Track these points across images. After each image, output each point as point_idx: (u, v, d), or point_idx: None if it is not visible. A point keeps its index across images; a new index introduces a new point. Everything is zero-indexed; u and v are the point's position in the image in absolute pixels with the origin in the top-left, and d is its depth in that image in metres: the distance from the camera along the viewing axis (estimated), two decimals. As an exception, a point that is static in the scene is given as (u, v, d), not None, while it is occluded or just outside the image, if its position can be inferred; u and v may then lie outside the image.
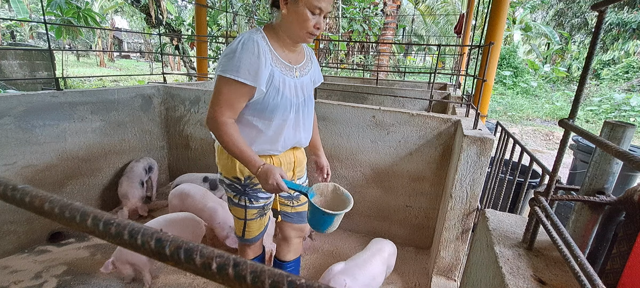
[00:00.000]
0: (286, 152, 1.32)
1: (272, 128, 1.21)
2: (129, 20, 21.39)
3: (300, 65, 1.27)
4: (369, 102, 4.13)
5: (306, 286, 0.20)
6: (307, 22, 1.11)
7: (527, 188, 1.64)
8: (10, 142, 1.95)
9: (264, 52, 1.11)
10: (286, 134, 1.25)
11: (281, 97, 1.17)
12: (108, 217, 0.24)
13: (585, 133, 0.62)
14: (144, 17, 9.41)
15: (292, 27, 1.14)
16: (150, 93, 2.81)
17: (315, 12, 1.10)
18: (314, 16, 1.11)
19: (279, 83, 1.16)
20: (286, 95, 1.18)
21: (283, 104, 1.18)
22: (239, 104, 1.14)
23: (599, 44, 0.63)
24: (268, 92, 1.15)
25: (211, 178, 2.54)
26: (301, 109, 1.27)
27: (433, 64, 14.24)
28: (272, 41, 1.17)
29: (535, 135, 7.44)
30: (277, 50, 1.18)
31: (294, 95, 1.22)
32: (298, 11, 1.10)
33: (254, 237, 1.42)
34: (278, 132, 1.23)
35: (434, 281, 1.90)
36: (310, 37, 1.16)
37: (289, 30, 1.15)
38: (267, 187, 1.11)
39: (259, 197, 1.33)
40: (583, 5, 15.17)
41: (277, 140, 1.24)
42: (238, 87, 1.10)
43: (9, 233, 2.02)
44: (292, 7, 1.10)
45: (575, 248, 0.57)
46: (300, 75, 1.25)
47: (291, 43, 1.20)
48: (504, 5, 2.62)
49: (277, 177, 1.10)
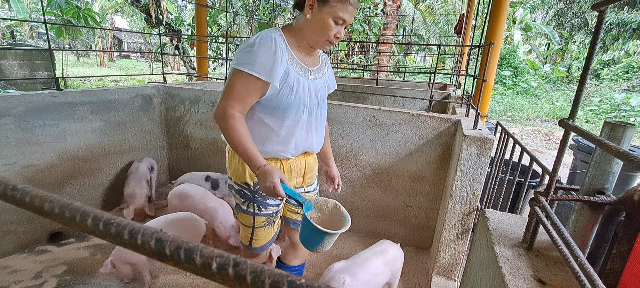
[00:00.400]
0: (297, 157, 1.30)
1: (284, 128, 1.20)
2: (129, 20, 21.38)
3: (315, 68, 1.27)
4: (369, 102, 4.13)
5: (306, 286, 0.20)
6: (329, 30, 1.12)
7: (527, 188, 1.64)
8: (10, 142, 1.95)
9: (281, 49, 1.12)
10: (298, 136, 1.24)
11: (295, 96, 1.17)
12: (108, 217, 0.24)
13: (585, 133, 0.62)
14: (144, 17, 9.40)
15: (313, 32, 1.15)
16: (150, 93, 2.81)
17: (338, 22, 1.12)
18: (336, 26, 1.13)
19: (294, 82, 1.16)
20: (300, 95, 1.18)
21: (296, 103, 1.18)
22: (250, 99, 1.13)
23: (599, 44, 0.63)
24: (282, 90, 1.15)
25: (213, 177, 2.54)
26: (314, 112, 1.26)
27: (433, 64, 14.24)
28: (289, 41, 1.18)
29: (535, 135, 7.44)
30: (294, 50, 1.19)
31: (307, 96, 1.21)
32: (322, 19, 1.11)
33: (261, 245, 1.38)
34: (290, 133, 1.21)
35: (434, 281, 1.90)
36: (329, 45, 1.17)
37: (309, 35, 1.16)
38: (263, 188, 1.09)
39: (268, 205, 1.30)
40: (583, 5, 15.17)
41: (289, 142, 1.23)
42: (251, 82, 1.09)
43: (9, 233, 2.02)
44: (317, 14, 1.11)
45: (575, 248, 0.57)
46: (314, 78, 1.25)
47: (308, 47, 1.21)
48: (504, 5, 2.62)
49: (276, 180, 1.06)
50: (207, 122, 2.78)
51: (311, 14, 1.12)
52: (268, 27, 9.52)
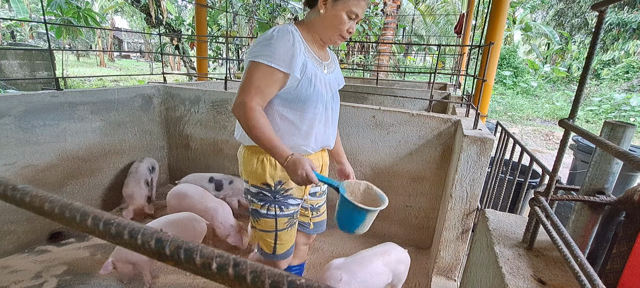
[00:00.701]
0: (317, 153, 1.30)
1: (305, 122, 1.19)
2: (129, 20, 21.38)
3: (327, 63, 1.28)
4: (369, 102, 4.13)
5: (306, 286, 0.20)
6: (342, 25, 1.14)
7: (527, 188, 1.64)
8: (10, 142, 1.95)
9: (298, 41, 1.12)
10: (317, 130, 1.23)
11: (313, 89, 1.16)
12: (108, 217, 0.24)
13: (585, 133, 0.62)
14: (144, 17, 9.40)
15: (326, 27, 1.16)
16: (150, 93, 2.81)
17: (351, 16, 1.13)
18: (349, 21, 1.14)
19: (312, 74, 1.16)
20: (318, 87, 1.18)
21: (315, 95, 1.18)
22: (270, 91, 1.11)
23: (599, 44, 0.63)
24: (301, 82, 1.14)
25: (217, 178, 2.54)
26: (330, 105, 1.27)
27: (433, 64, 14.24)
28: (304, 36, 1.18)
29: (535, 135, 7.44)
30: (309, 44, 1.19)
31: (324, 89, 1.21)
32: (336, 14, 1.12)
33: (286, 250, 1.33)
34: (310, 126, 1.20)
35: (434, 281, 1.90)
36: (342, 40, 1.19)
37: (323, 31, 1.17)
38: (296, 178, 1.06)
39: (289, 204, 1.27)
40: (583, 5, 15.17)
41: (310, 136, 1.21)
42: (271, 73, 1.08)
43: (9, 233, 2.02)
44: (332, 9, 1.12)
45: (575, 248, 0.57)
46: (328, 72, 1.26)
47: (321, 42, 1.22)
48: (504, 5, 2.62)
49: (307, 167, 1.05)
50: (207, 122, 2.78)
51: (325, 9, 1.13)
52: (268, 27, 9.53)
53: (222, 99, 2.67)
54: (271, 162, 1.21)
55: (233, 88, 3.62)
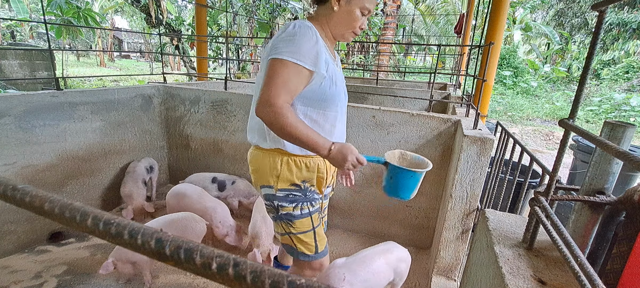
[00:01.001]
0: None
1: (328, 121, 1.17)
2: (129, 20, 21.39)
3: (337, 60, 1.27)
4: (369, 102, 4.13)
5: (306, 286, 0.20)
6: (356, 21, 1.13)
7: (527, 188, 1.64)
8: (10, 142, 1.95)
9: (320, 39, 1.10)
10: (338, 129, 1.22)
11: (335, 87, 1.15)
12: (108, 217, 0.24)
13: (585, 133, 0.62)
14: (144, 17, 9.41)
15: (340, 24, 1.14)
16: (150, 93, 2.81)
17: (364, 13, 1.13)
18: (362, 17, 1.14)
19: (333, 72, 1.14)
20: (338, 85, 1.17)
21: (337, 94, 1.17)
22: (296, 89, 1.06)
23: (599, 44, 0.63)
24: (325, 81, 1.12)
25: (220, 179, 2.53)
26: (345, 103, 1.27)
27: (433, 64, 14.24)
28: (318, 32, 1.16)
29: (535, 135, 7.44)
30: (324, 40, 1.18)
31: (342, 87, 1.21)
32: (350, 10, 1.11)
33: (326, 245, 1.30)
34: (333, 124, 1.19)
35: (434, 281, 1.90)
36: (353, 36, 1.17)
37: (336, 27, 1.16)
38: (346, 164, 1.04)
39: (315, 199, 1.25)
40: (583, 5, 15.18)
41: (333, 134, 1.20)
42: (298, 71, 1.03)
43: (9, 233, 2.02)
44: (345, 6, 1.11)
45: (575, 248, 0.57)
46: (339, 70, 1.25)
47: (332, 38, 1.20)
48: (504, 5, 2.62)
49: (355, 150, 1.04)
50: (207, 122, 2.78)
51: (338, 6, 1.11)
52: (268, 27, 9.52)
53: (222, 99, 2.67)
54: (297, 163, 1.19)
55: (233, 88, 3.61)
